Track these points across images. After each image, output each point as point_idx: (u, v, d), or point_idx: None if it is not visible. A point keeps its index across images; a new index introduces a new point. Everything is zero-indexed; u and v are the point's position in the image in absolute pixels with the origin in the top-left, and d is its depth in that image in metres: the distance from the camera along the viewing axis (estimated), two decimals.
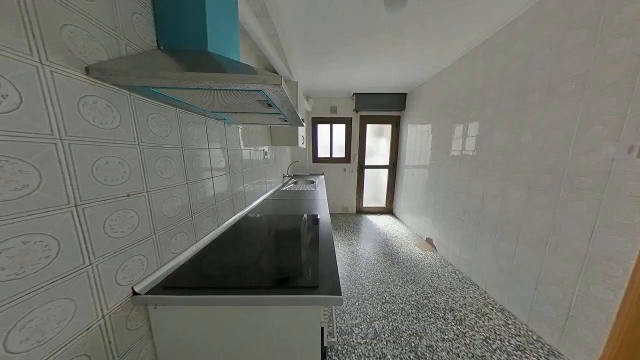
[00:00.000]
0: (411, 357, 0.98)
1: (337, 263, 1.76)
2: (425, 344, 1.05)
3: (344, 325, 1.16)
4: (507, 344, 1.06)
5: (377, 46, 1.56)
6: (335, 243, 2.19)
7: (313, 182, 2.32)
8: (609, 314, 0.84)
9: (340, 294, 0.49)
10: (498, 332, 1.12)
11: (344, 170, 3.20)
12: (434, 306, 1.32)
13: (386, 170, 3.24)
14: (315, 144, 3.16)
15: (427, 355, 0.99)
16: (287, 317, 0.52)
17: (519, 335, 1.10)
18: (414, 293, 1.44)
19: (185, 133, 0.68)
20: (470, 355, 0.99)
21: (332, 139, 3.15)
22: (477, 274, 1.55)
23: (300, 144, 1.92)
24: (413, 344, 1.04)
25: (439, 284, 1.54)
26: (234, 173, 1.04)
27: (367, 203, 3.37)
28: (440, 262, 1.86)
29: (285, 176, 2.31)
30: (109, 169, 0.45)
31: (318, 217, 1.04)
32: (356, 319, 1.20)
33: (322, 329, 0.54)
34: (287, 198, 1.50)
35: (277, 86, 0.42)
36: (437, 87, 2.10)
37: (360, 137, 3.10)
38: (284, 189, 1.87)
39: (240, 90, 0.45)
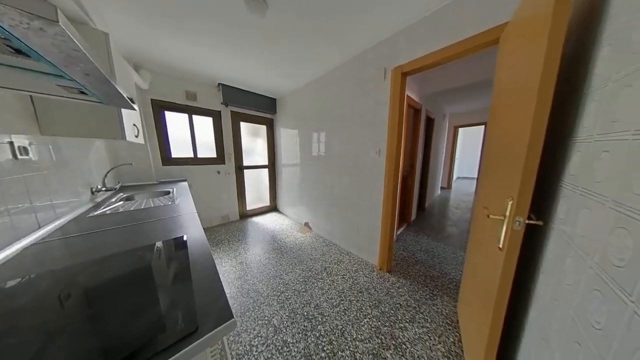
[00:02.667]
0: (305, 324, 1.20)
1: (224, 283, 1.57)
2: (313, 305, 1.36)
3: (241, 347, 1.07)
4: (351, 271, 1.72)
5: (244, 42, 1.50)
6: (218, 261, 1.90)
7: (169, 192, 1.73)
8: (378, 232, 1.69)
9: (232, 316, 0.46)
10: (347, 268, 1.78)
11: (219, 172, 2.77)
12: (315, 273, 1.72)
13: (266, 170, 3.38)
14: (166, 139, 2.30)
15: (316, 313, 1.30)
16: None
17: (356, 264, 1.84)
18: (301, 272, 1.75)
19: None
20: (337, 293, 1.47)
21: (194, 134, 2.50)
22: (335, 237, 2.26)
23: (132, 138, 1.29)
24: (306, 313, 1.30)
25: (316, 255, 2.03)
26: None
27: (251, 205, 3.30)
28: (315, 238, 2.43)
29: (98, 190, 1.40)
30: None
31: (185, 238, 0.83)
32: (254, 330, 1.17)
33: None
34: (111, 226, 0.96)
35: (42, 20, 0.23)
36: (299, 100, 2.56)
37: (234, 135, 2.85)
38: (97, 212, 1.16)
39: None
